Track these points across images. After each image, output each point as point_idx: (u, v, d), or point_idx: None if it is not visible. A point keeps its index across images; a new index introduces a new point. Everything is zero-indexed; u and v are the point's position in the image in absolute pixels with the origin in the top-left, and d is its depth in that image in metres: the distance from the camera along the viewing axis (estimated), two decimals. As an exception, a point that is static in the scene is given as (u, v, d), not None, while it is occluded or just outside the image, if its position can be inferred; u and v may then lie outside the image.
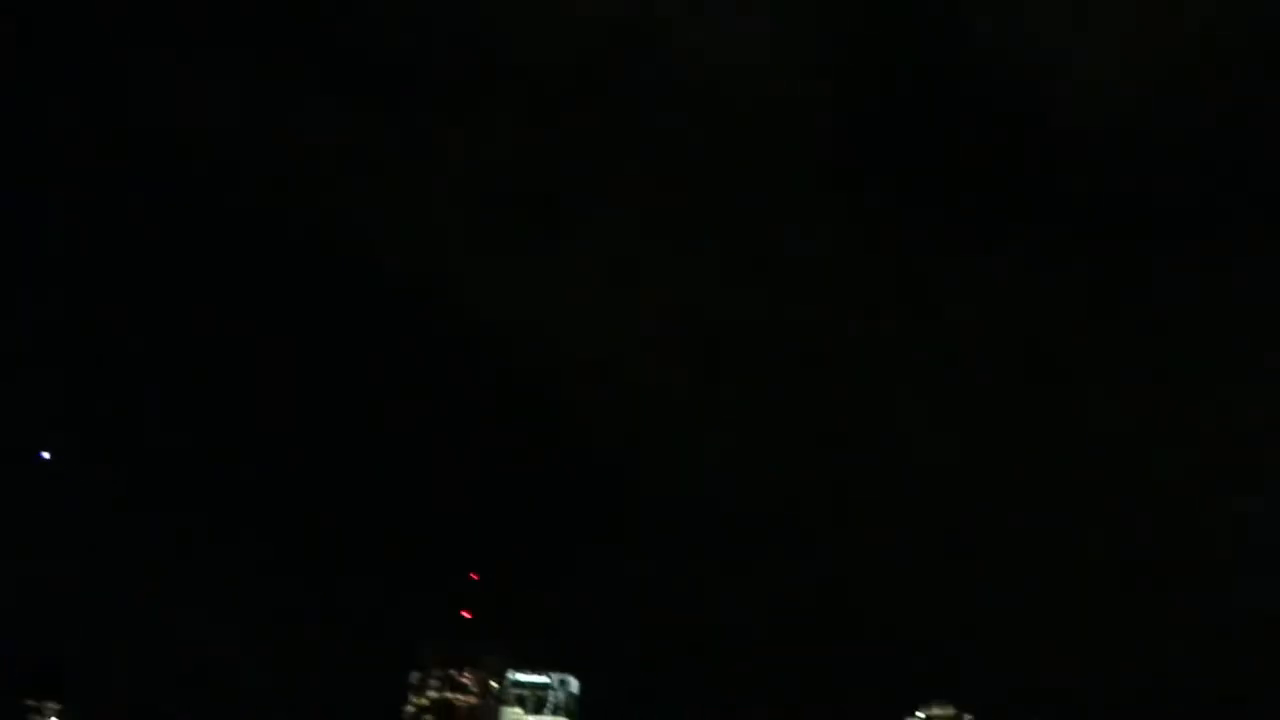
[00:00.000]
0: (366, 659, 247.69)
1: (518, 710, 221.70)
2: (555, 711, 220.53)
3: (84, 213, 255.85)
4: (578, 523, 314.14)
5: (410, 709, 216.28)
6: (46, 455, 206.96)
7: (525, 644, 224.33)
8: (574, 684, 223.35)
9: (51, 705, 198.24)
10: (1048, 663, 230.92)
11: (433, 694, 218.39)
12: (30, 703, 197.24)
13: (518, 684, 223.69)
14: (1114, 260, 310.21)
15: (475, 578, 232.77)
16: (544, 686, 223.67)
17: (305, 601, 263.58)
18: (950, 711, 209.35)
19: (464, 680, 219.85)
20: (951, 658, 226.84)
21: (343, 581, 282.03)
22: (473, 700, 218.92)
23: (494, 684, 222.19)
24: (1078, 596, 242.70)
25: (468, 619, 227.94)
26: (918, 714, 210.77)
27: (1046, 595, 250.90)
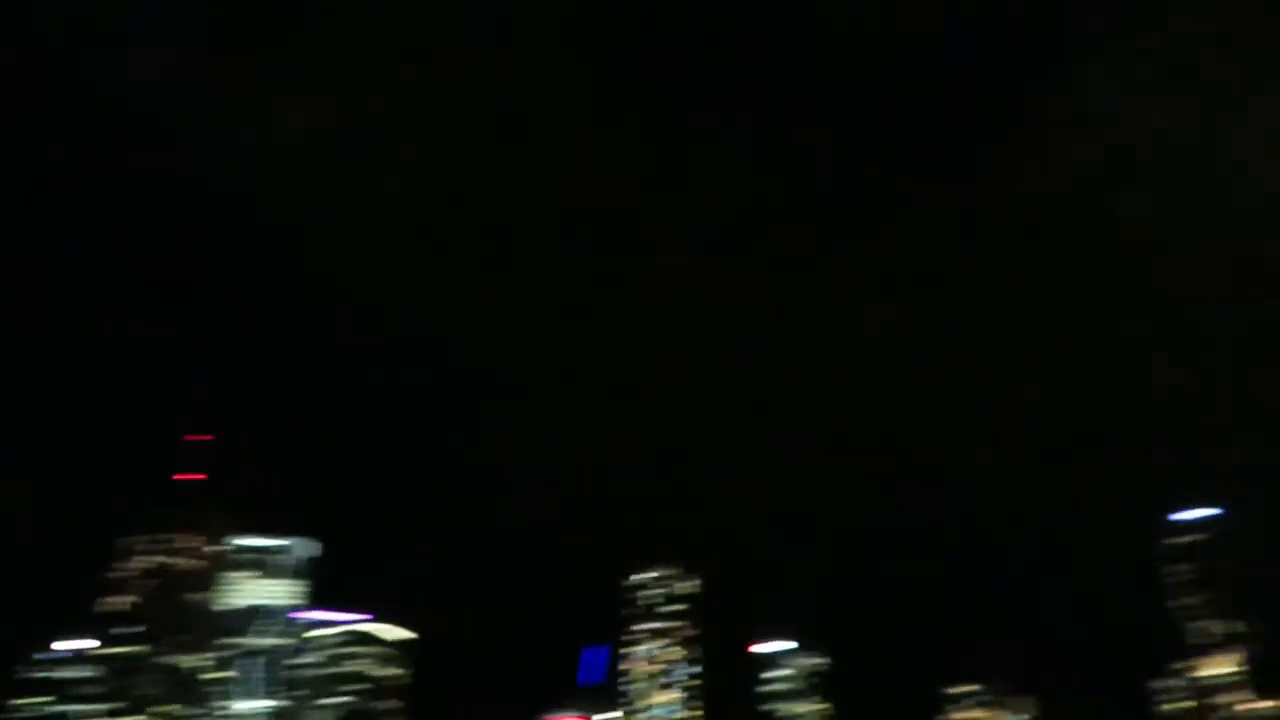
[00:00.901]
0: (79, 524, 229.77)
1: (245, 573, 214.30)
2: (293, 575, 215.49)
3: None
4: (313, 384, 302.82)
5: (121, 574, 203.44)
6: None
7: (256, 507, 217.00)
8: (308, 547, 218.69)
9: None
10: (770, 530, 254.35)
11: (146, 558, 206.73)
12: None
13: (245, 548, 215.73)
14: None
15: (198, 440, 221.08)
16: (274, 550, 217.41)
17: (15, 468, 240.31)
18: (679, 571, 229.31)
19: (182, 545, 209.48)
20: (680, 529, 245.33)
21: (54, 446, 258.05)
22: (190, 564, 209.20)
23: (215, 548, 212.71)
24: (810, 475, 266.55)
25: (191, 481, 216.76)
26: (651, 571, 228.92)
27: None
